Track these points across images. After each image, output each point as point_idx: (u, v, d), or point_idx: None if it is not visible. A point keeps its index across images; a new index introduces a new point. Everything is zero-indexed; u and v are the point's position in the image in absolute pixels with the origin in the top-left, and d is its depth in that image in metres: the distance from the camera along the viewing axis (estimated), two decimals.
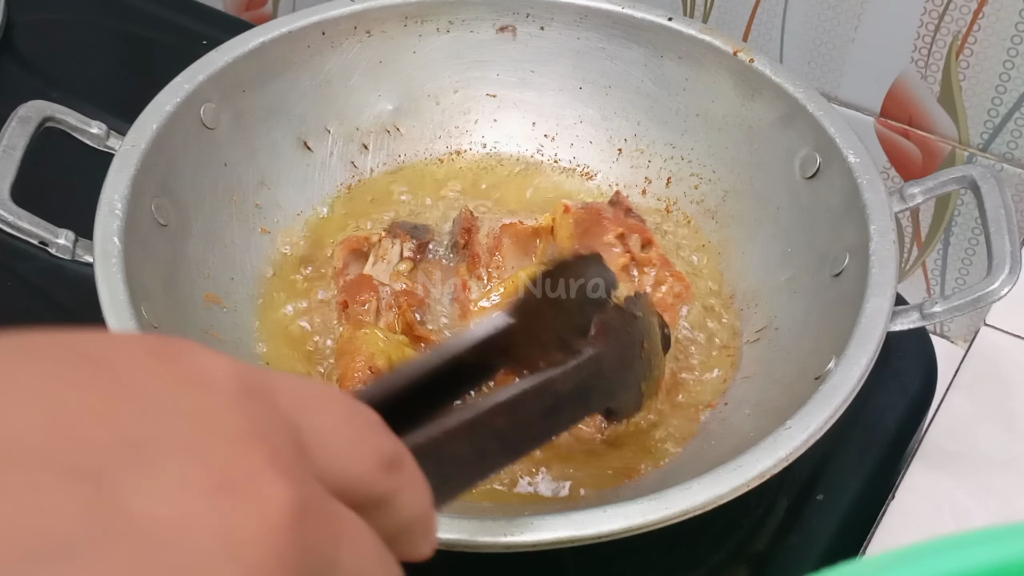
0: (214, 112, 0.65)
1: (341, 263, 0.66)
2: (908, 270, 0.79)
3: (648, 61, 0.72)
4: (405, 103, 0.74)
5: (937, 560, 0.24)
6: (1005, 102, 0.69)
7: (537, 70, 0.74)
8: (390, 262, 0.65)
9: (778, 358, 0.61)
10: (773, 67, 0.67)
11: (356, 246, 0.67)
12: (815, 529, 0.59)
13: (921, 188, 0.61)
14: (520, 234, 0.68)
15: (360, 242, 0.67)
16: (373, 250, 0.66)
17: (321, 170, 0.72)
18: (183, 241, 0.62)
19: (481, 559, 0.46)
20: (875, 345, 0.53)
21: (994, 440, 0.62)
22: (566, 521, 0.45)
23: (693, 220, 0.71)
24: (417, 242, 0.67)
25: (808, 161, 0.65)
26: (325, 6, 0.70)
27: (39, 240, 0.56)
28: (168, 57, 0.81)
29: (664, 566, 0.58)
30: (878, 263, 0.57)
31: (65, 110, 0.60)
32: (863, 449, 0.63)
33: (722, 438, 0.58)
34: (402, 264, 0.65)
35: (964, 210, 0.74)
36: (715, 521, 0.52)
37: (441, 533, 0.44)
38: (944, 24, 0.68)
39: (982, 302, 0.56)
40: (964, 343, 0.76)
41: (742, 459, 0.48)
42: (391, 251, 0.66)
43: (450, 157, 0.75)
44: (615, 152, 0.74)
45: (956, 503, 0.59)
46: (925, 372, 0.67)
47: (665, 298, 0.65)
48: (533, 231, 0.68)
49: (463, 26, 0.73)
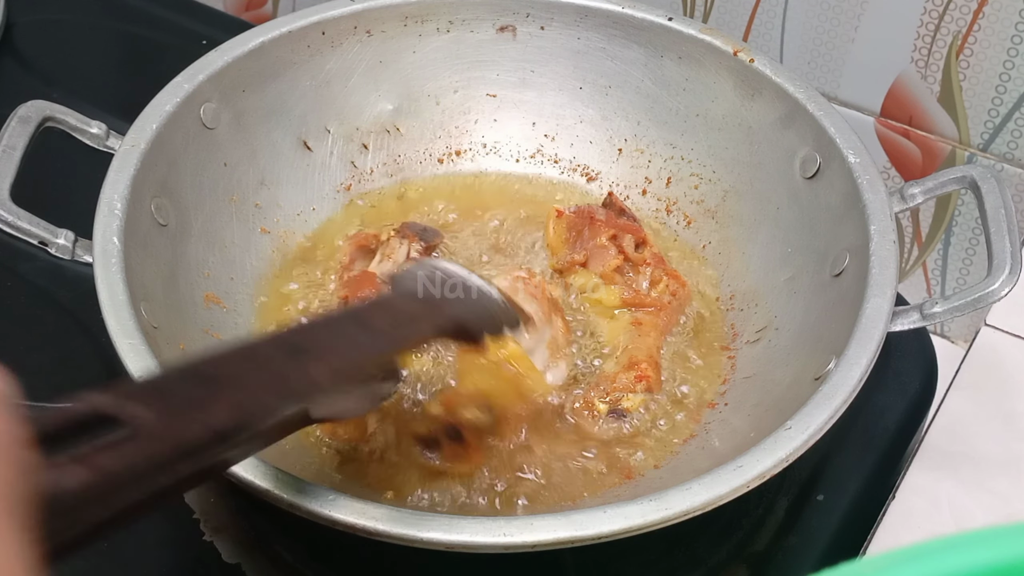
0: (214, 112, 0.65)
1: (348, 258, 0.66)
2: (908, 270, 0.79)
3: (648, 61, 0.72)
4: (405, 103, 0.74)
5: (937, 560, 0.24)
6: (1005, 102, 0.69)
7: (537, 70, 0.74)
8: (396, 261, 0.65)
9: (778, 358, 0.61)
10: (773, 67, 0.67)
11: (364, 243, 0.67)
12: (815, 529, 0.59)
13: (921, 188, 0.61)
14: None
15: (369, 239, 0.67)
16: (381, 248, 0.66)
17: (321, 170, 0.72)
18: (183, 241, 0.62)
19: (481, 559, 0.46)
20: (875, 345, 0.53)
21: (994, 440, 0.62)
22: (566, 521, 0.45)
23: (693, 220, 0.72)
24: (425, 244, 0.66)
25: (808, 161, 0.65)
26: (325, 6, 0.70)
27: (39, 240, 0.56)
28: (168, 57, 0.81)
29: (664, 566, 0.58)
30: (878, 263, 0.57)
31: (65, 110, 0.60)
32: (863, 449, 0.63)
33: (722, 438, 0.58)
34: (407, 265, 0.65)
35: (964, 210, 0.74)
36: (715, 521, 0.52)
37: (441, 533, 0.45)
38: (944, 24, 0.68)
39: (982, 302, 0.56)
40: (964, 343, 0.76)
41: (742, 459, 0.48)
42: (398, 251, 0.66)
43: (450, 157, 0.75)
44: (615, 152, 0.74)
45: (956, 503, 0.59)
46: (925, 372, 0.67)
47: (662, 297, 0.65)
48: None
49: (463, 26, 0.73)
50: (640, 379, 0.60)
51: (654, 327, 0.64)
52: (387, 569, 0.56)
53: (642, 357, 0.61)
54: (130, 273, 0.54)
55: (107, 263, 0.54)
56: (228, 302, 0.63)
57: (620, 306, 0.65)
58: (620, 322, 0.64)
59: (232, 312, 0.63)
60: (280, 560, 0.56)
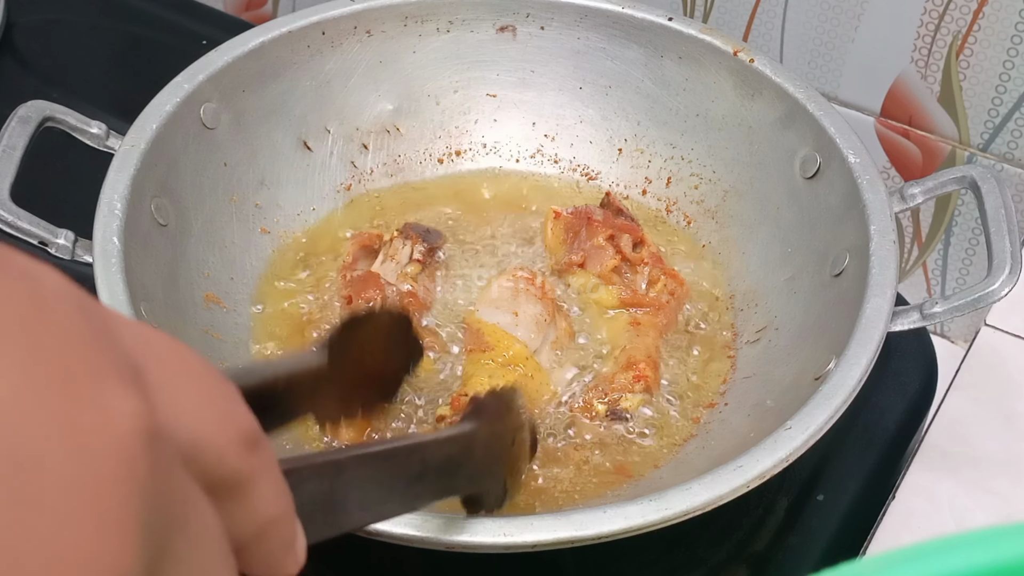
0: (214, 112, 0.65)
1: (351, 257, 0.66)
2: (908, 270, 0.79)
3: (648, 61, 0.72)
4: (405, 103, 0.74)
5: (937, 560, 0.24)
6: (1005, 102, 0.69)
7: (537, 70, 0.74)
8: (399, 262, 0.65)
9: (778, 358, 0.61)
10: (773, 67, 0.67)
11: (368, 243, 0.67)
12: (815, 529, 0.59)
13: (921, 188, 0.61)
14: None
15: (372, 239, 0.67)
16: (384, 248, 0.66)
17: (321, 170, 0.71)
18: (183, 241, 0.62)
19: (481, 559, 0.46)
20: (875, 345, 0.53)
21: (994, 440, 0.62)
22: (566, 521, 0.45)
23: (693, 220, 0.72)
24: (428, 246, 0.66)
25: (808, 161, 0.65)
26: (325, 6, 0.70)
27: (39, 240, 0.56)
28: (168, 57, 0.81)
29: (664, 566, 0.58)
30: (878, 263, 0.57)
31: (65, 110, 0.60)
32: (863, 449, 0.63)
33: (722, 438, 0.58)
34: (410, 266, 0.65)
35: (964, 210, 0.74)
36: (715, 521, 0.52)
37: (441, 533, 0.44)
38: (944, 24, 0.68)
39: (982, 302, 0.56)
40: (964, 343, 0.76)
41: (742, 459, 0.48)
42: (401, 251, 0.66)
43: (449, 157, 0.75)
44: (615, 152, 0.74)
45: (956, 503, 0.59)
46: (925, 372, 0.67)
47: (660, 296, 0.65)
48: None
49: (463, 26, 0.73)
50: (638, 379, 0.60)
51: (652, 327, 0.64)
52: (387, 569, 0.56)
53: (640, 357, 0.61)
54: (130, 273, 0.54)
55: (107, 263, 0.54)
56: (228, 302, 0.63)
57: (618, 306, 0.65)
58: (618, 322, 0.64)
59: (232, 312, 0.63)
60: None
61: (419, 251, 0.66)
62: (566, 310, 0.65)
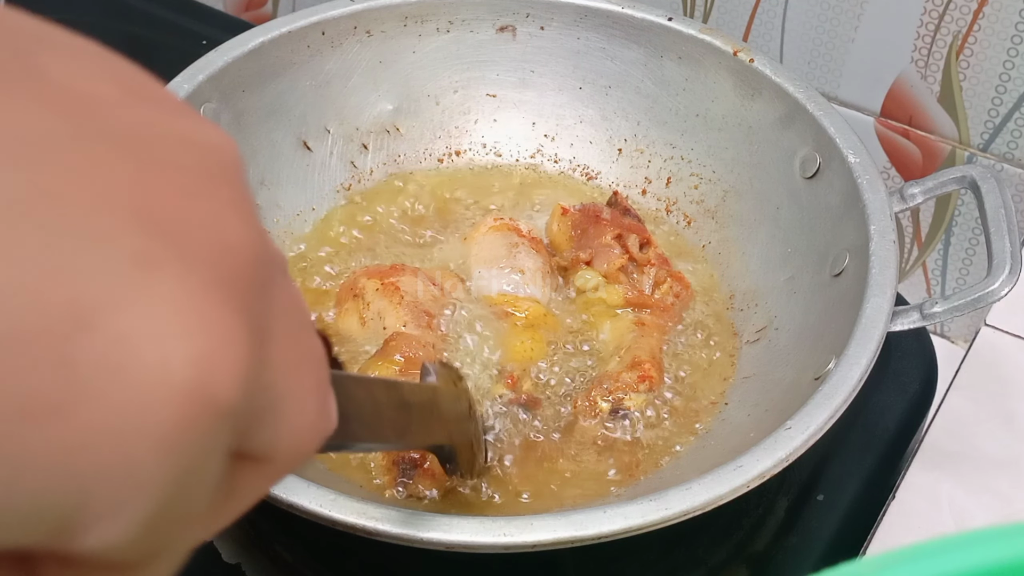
0: (214, 112, 0.65)
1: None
2: (908, 270, 0.79)
3: (648, 61, 0.72)
4: (405, 103, 0.74)
5: (937, 560, 0.24)
6: (1005, 102, 0.69)
7: (537, 70, 0.74)
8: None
9: (778, 358, 0.61)
10: (773, 67, 0.67)
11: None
12: (815, 529, 0.59)
13: (921, 188, 0.61)
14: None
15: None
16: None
17: (321, 170, 0.72)
18: None
19: (481, 559, 0.46)
20: (875, 345, 0.53)
21: (994, 440, 0.62)
22: (566, 521, 0.45)
23: (693, 220, 0.72)
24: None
25: (808, 161, 0.65)
26: (325, 6, 0.70)
27: None
28: (168, 57, 0.81)
29: (664, 566, 0.58)
30: (878, 263, 0.57)
31: None
32: (863, 449, 0.63)
33: (722, 438, 0.58)
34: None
35: (964, 210, 0.74)
36: (715, 521, 0.52)
37: (441, 533, 0.45)
38: (944, 24, 0.68)
39: (982, 302, 0.56)
40: (964, 343, 0.76)
41: (742, 459, 0.48)
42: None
43: (449, 157, 0.75)
44: (615, 152, 0.74)
45: (956, 503, 0.59)
46: (925, 372, 0.67)
47: (665, 298, 0.65)
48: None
49: (463, 26, 0.73)
50: (643, 379, 0.60)
51: (657, 327, 0.64)
52: (387, 569, 0.56)
53: (645, 357, 0.61)
54: None
55: None
56: None
57: (623, 305, 0.65)
58: (623, 321, 0.64)
59: None
60: (280, 560, 0.56)
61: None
62: (566, 308, 0.65)
